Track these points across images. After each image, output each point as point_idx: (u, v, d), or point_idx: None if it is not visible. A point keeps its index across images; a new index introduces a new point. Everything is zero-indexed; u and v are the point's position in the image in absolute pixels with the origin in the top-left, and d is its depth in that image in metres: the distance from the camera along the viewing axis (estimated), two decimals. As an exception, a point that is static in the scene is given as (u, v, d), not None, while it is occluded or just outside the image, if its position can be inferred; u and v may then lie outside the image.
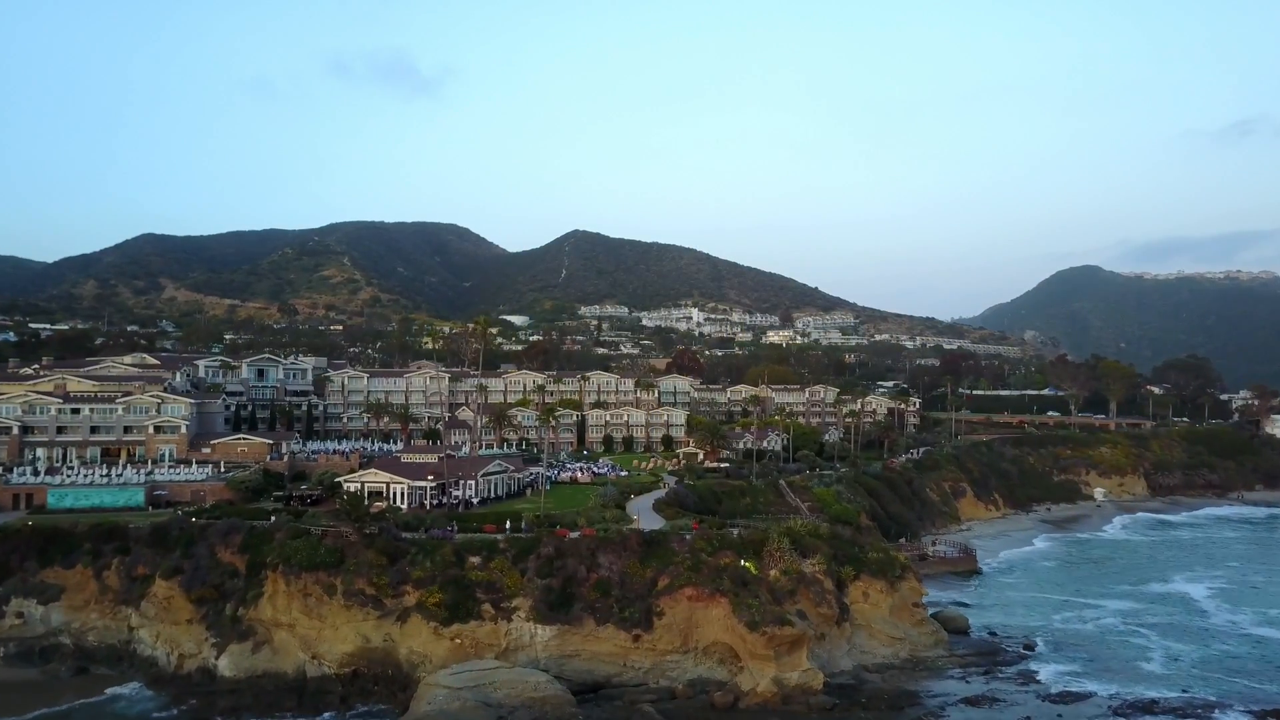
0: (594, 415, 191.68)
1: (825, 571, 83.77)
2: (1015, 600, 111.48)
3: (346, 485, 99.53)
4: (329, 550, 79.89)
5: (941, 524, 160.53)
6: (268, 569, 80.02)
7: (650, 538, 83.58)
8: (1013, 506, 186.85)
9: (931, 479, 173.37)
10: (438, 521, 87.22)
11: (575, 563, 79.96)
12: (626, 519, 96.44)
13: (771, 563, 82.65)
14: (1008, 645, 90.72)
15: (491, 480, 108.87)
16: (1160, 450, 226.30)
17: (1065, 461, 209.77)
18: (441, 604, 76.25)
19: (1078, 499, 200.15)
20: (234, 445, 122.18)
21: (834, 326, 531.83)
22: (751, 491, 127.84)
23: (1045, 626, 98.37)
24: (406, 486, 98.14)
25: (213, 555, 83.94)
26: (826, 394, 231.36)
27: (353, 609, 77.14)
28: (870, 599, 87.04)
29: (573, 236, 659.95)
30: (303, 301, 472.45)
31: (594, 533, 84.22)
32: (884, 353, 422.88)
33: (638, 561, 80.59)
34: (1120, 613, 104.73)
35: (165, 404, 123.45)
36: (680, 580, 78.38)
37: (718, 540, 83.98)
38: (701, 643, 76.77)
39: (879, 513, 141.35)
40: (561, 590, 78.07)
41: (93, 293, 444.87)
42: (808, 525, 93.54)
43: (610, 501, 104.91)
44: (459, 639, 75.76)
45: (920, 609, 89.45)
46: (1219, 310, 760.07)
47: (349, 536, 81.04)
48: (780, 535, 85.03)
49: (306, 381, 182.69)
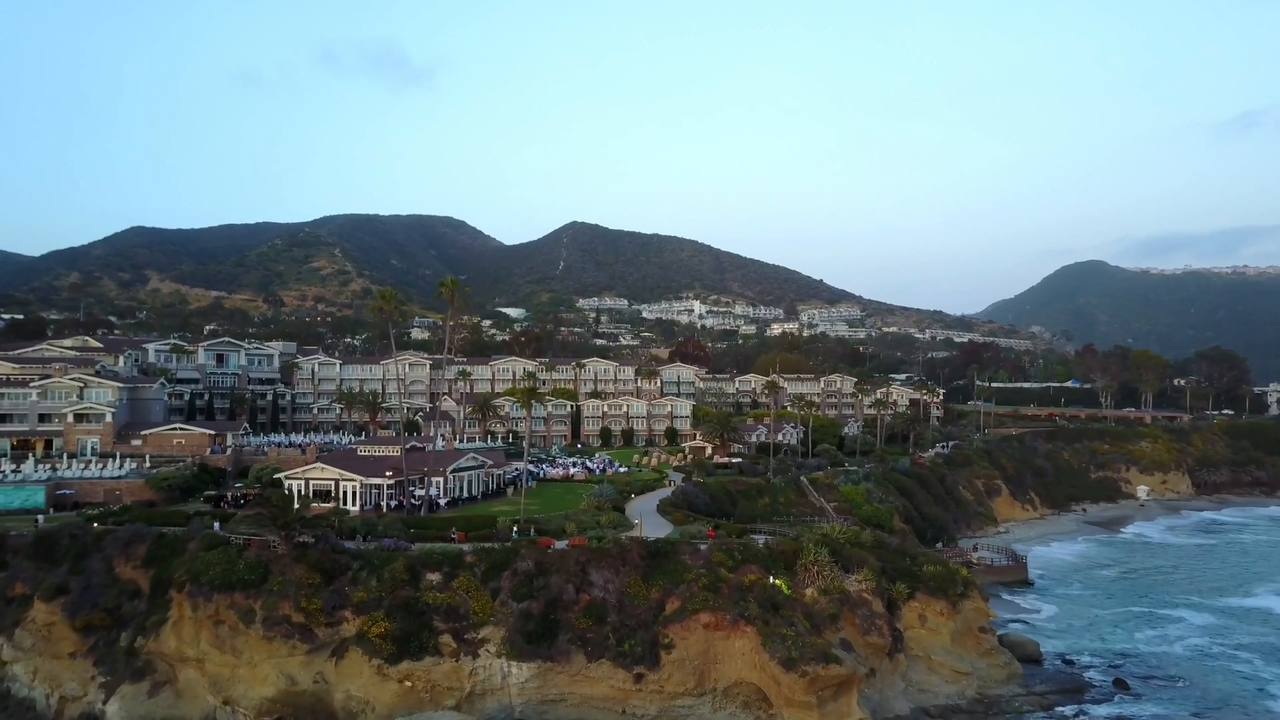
0: (590, 406, 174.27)
1: (874, 590, 67.31)
2: (1080, 616, 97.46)
3: (288, 483, 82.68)
4: (250, 565, 63.06)
5: (977, 526, 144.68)
6: (175, 588, 63.39)
7: (656, 548, 66.98)
8: (1050, 506, 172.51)
9: (963, 476, 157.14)
10: (391, 528, 70.35)
11: (561, 581, 63.34)
12: (626, 524, 79.96)
13: (807, 579, 66.57)
14: (1092, 678, 75.68)
15: (464, 477, 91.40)
16: (1202, 445, 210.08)
17: (1103, 457, 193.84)
18: (388, 635, 59.52)
19: (1118, 498, 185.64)
20: (169, 437, 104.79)
21: (840, 319, 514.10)
22: (770, 490, 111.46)
23: (1127, 651, 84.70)
24: (359, 485, 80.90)
25: (109, 570, 67.41)
26: (843, 384, 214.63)
27: (275, 641, 60.29)
28: (928, 623, 70.49)
29: (571, 228, 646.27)
30: (291, 293, 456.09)
31: (585, 542, 67.72)
32: (894, 345, 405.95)
33: (640, 579, 64.08)
34: (1205, 630, 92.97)
35: (89, 389, 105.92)
36: (694, 603, 61.86)
37: (740, 551, 67.74)
38: (722, 683, 60.59)
39: (913, 514, 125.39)
40: (543, 617, 61.43)
41: (75, 284, 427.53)
42: (848, 531, 76.98)
43: (606, 502, 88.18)
44: (410, 680, 59.10)
45: (988, 635, 72.83)
46: (1228, 305, 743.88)
47: (276, 547, 64.28)
48: (817, 545, 68.39)
49: (273, 369, 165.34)
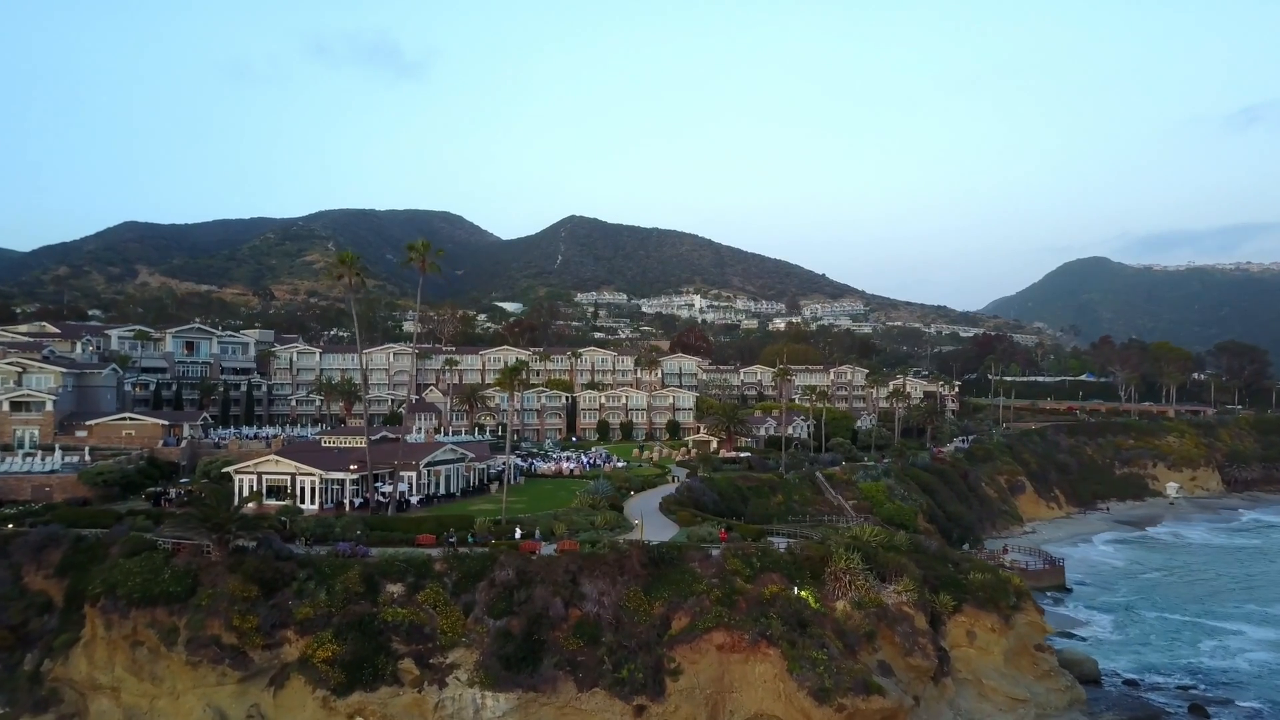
0: (586, 397, 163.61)
1: (915, 603, 57.13)
2: (1130, 627, 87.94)
3: (237, 478, 72.37)
4: (176, 575, 52.86)
5: (1003, 525, 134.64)
6: (89, 601, 53.27)
7: (660, 554, 56.82)
8: (1075, 504, 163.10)
9: (985, 472, 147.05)
10: (349, 530, 60.07)
11: (547, 594, 53.17)
12: (624, 524, 69.79)
13: (838, 590, 56.56)
14: (1163, 703, 65.70)
15: (440, 472, 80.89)
16: (1230, 440, 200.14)
17: (1128, 453, 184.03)
18: (337, 659, 49.35)
19: (1145, 495, 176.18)
20: (117, 428, 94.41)
21: (844, 314, 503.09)
22: (784, 487, 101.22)
23: (1193, 667, 75.83)
24: (318, 480, 70.62)
25: (17, 580, 57.41)
26: (854, 375, 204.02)
27: (202, 667, 50.11)
28: (978, 641, 60.21)
29: (569, 222, 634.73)
30: (282, 287, 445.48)
31: (576, 547, 57.44)
32: (900, 339, 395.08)
33: (641, 591, 53.95)
34: (1272, 644, 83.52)
35: (29, 374, 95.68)
36: (706, 620, 51.82)
37: (759, 558, 57.43)
38: (739, 717, 50.48)
39: (937, 513, 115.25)
40: (525, 637, 51.27)
41: (60, 277, 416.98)
42: (880, 534, 66.67)
43: (602, 500, 77.85)
44: (362, 715, 48.98)
45: (1046, 653, 62.58)
46: (1232, 301, 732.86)
47: (209, 554, 54.08)
48: (849, 550, 58.19)
49: (248, 358, 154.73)
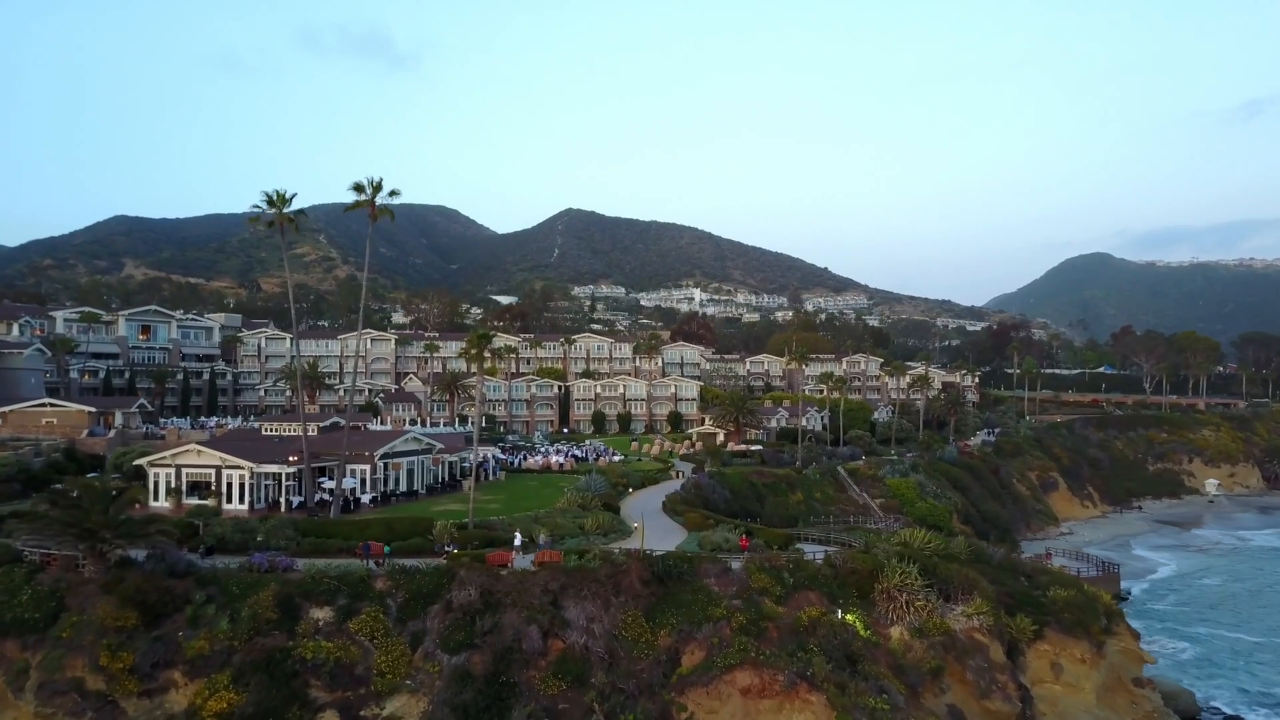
0: (580, 387, 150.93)
1: (990, 629, 44.93)
2: (1206, 643, 76.58)
3: (152, 471, 59.97)
4: (38, 597, 40.58)
5: (1038, 526, 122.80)
6: (-71, 630, 40.96)
7: (665, 567, 44.44)
8: (1109, 502, 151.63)
9: (1015, 467, 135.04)
10: (275, 535, 47.64)
11: (520, 620, 40.85)
12: (621, 529, 57.39)
13: (892, 614, 44.48)
14: None
15: (400, 465, 68.18)
16: (1268, 435, 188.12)
17: (1161, 448, 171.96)
18: (235, 712, 37.04)
19: (1181, 492, 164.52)
20: (35, 415, 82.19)
21: (847, 307, 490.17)
22: (803, 484, 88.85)
23: None
24: (247, 474, 58.24)
25: None
26: (867, 365, 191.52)
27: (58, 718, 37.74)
28: (1065, 675, 48.09)
29: (566, 215, 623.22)
30: (272, 280, 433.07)
31: (560, 558, 45.08)
32: (907, 332, 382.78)
33: (642, 616, 41.75)
34: None
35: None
36: (727, 655, 39.63)
37: (791, 572, 45.14)
38: (772, 784, 38.15)
39: (971, 513, 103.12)
40: (490, 678, 39.04)
41: (41, 269, 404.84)
42: (935, 539, 54.35)
43: (595, 499, 65.42)
44: (268, 788, 36.55)
45: (1147, 689, 50.42)
46: (1236, 297, 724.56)
47: (82, 567, 41.78)
48: (904, 562, 45.98)
49: (211, 344, 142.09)
